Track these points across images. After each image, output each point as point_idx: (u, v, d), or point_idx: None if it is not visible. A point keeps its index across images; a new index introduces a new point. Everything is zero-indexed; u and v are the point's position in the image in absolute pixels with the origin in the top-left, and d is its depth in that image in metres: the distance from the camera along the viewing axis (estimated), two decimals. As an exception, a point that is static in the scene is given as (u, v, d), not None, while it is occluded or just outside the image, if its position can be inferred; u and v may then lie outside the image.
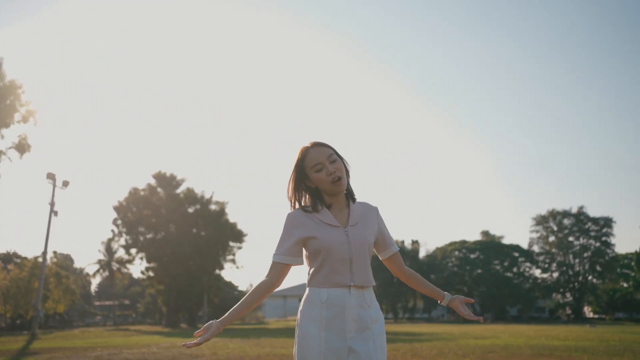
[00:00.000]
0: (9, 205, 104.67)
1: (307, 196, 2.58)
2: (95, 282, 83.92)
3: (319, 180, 2.51)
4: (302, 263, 2.55)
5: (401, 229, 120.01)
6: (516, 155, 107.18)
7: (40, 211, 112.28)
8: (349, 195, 2.62)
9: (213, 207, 50.93)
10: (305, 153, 2.55)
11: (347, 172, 2.58)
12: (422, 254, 66.99)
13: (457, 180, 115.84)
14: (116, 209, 49.42)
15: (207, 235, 49.37)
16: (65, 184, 33.03)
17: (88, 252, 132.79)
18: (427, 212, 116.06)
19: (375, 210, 2.65)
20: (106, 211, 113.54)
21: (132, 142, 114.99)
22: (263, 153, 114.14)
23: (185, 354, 13.18)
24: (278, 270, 2.53)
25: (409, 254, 65.54)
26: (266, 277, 2.54)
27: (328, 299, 2.42)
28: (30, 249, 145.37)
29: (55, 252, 57.77)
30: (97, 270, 62.71)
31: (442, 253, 66.66)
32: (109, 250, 60.57)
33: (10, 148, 25.62)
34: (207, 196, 51.09)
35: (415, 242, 67.89)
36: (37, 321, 29.93)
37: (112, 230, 50.29)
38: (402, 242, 67.63)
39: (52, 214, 32.05)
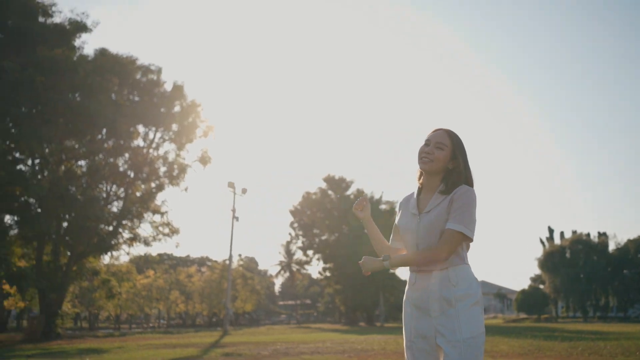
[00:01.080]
0: (199, 213, 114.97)
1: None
2: (278, 283, 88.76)
3: (419, 152, 2.70)
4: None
5: (587, 220, 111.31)
6: None
7: (225, 218, 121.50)
8: (446, 184, 2.66)
9: (383, 207, 51.18)
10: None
11: (459, 176, 2.64)
12: (611, 247, 61.47)
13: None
14: (292, 212, 51.59)
15: None
16: (244, 191, 35.58)
17: (270, 255, 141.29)
18: (616, 202, 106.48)
19: (458, 191, 2.59)
20: (283, 215, 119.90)
21: (303, 148, 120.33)
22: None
23: (356, 349, 13.56)
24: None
25: (595, 248, 60.44)
26: None
27: (415, 282, 2.63)
28: (219, 253, 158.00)
29: (240, 256, 62.11)
30: (279, 272, 66.25)
31: (635, 246, 60.49)
32: (289, 252, 63.62)
33: (194, 161, 28.25)
34: (376, 196, 51.51)
35: (602, 235, 62.54)
36: (228, 319, 32.55)
37: (290, 233, 52.64)
38: (588, 234, 62.64)
39: (234, 220, 34.73)
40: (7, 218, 24.36)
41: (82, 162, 24.98)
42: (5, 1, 20.77)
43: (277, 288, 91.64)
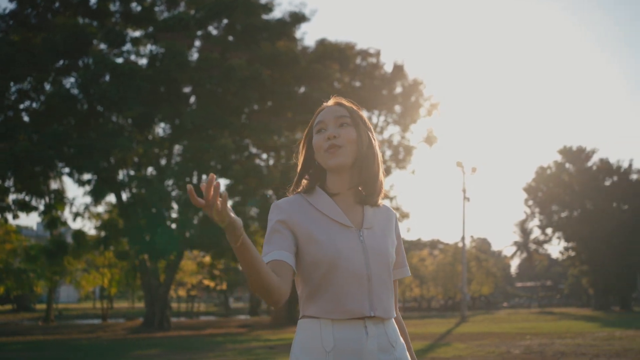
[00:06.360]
0: (427, 195, 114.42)
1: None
2: (514, 264, 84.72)
3: (315, 146, 1.79)
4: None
5: None
6: None
7: (455, 198, 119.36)
8: (367, 193, 1.80)
9: (634, 176, 46.39)
10: (318, 112, 1.85)
11: (368, 161, 1.78)
12: None
13: None
14: (526, 190, 49.21)
15: (632, 209, 44.90)
16: (474, 170, 33.70)
17: (503, 235, 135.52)
18: None
19: (394, 215, 1.92)
20: (516, 193, 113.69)
21: (533, 120, 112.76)
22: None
23: (633, 350, 11.32)
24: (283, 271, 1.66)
25: None
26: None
27: (336, 345, 1.63)
28: (450, 235, 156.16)
29: (472, 237, 60.23)
30: (515, 252, 63.04)
31: None
32: (524, 232, 60.26)
33: (420, 142, 27.43)
34: (624, 165, 46.69)
35: None
36: (465, 304, 31.15)
37: (525, 212, 50.33)
38: None
39: (465, 200, 33.08)
40: (253, 211, 25.86)
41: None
42: (233, 8, 21.99)
43: (513, 269, 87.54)
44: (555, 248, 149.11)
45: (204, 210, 1.39)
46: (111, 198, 25.63)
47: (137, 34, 23.72)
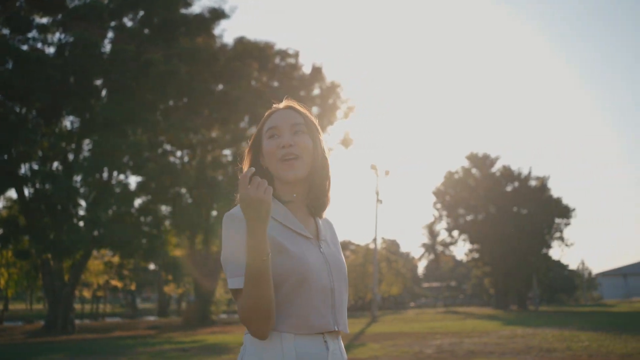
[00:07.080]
0: (341, 196, 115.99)
1: None
2: (421, 265, 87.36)
3: (267, 152, 1.68)
4: None
5: None
6: None
7: (367, 200, 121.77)
8: (316, 205, 1.74)
9: (533, 183, 49.11)
10: (269, 115, 1.75)
11: (322, 172, 1.72)
12: None
13: None
14: (435, 193, 50.73)
15: (530, 214, 47.46)
16: (387, 173, 34.42)
17: (412, 237, 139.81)
18: None
19: (333, 226, 1.88)
20: (426, 196, 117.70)
21: (444, 126, 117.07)
22: (586, 122, 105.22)
23: (535, 347, 11.91)
24: None
25: None
26: None
27: None
28: (361, 237, 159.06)
29: (383, 239, 61.53)
30: (423, 254, 64.89)
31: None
32: (432, 234, 62.14)
33: (336, 144, 27.72)
34: (524, 172, 49.42)
35: None
36: (375, 305, 31.74)
37: (433, 215, 51.85)
38: None
39: (378, 203, 33.73)
40: (163, 209, 25.20)
41: (227, 151, 25.17)
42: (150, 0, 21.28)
43: (420, 270, 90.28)
44: (461, 250, 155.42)
45: (243, 189, 1.43)
46: (12, 193, 24.15)
47: (44, 20, 22.45)
